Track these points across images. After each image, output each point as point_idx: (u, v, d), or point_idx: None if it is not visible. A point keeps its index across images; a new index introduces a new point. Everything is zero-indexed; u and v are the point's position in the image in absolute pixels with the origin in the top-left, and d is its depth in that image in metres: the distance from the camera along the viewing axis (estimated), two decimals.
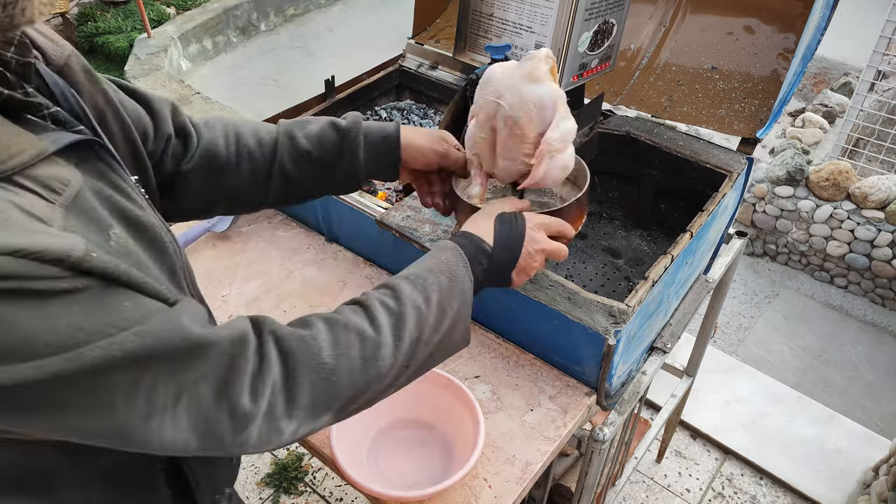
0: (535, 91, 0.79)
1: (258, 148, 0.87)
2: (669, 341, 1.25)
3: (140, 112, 0.77)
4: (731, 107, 1.41)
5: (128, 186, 0.62)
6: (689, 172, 1.38)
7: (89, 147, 0.59)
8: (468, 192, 0.92)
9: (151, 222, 0.61)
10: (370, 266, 1.32)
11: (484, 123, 0.84)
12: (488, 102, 0.82)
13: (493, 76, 0.82)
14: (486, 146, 0.86)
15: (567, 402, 1.08)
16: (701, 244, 1.28)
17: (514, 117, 0.80)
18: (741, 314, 3.09)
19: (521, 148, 0.82)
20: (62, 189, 0.53)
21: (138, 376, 0.51)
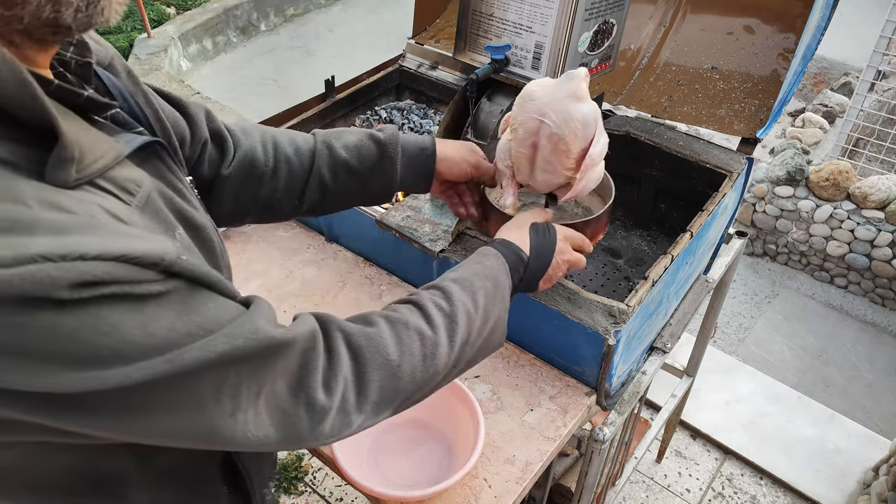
0: (580, 109, 0.84)
1: (296, 156, 0.88)
2: (669, 341, 1.25)
3: (177, 117, 0.78)
4: (731, 107, 1.41)
5: (184, 188, 0.63)
6: (689, 172, 1.37)
7: (151, 148, 0.60)
8: (501, 202, 0.95)
9: (204, 223, 0.63)
10: (370, 266, 1.32)
11: (524, 139, 0.88)
12: (530, 119, 0.86)
13: (535, 95, 0.86)
14: (525, 160, 0.90)
15: (567, 402, 1.08)
16: (701, 244, 1.28)
17: (560, 135, 0.85)
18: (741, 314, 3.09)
19: (564, 163, 0.87)
20: (136, 190, 0.53)
21: (225, 376, 0.52)
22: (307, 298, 1.25)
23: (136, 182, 0.54)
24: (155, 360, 0.47)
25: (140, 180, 0.54)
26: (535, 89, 0.86)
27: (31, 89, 0.47)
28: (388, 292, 1.26)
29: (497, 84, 1.28)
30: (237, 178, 0.85)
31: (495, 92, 1.28)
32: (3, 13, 0.47)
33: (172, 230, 0.56)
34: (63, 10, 0.49)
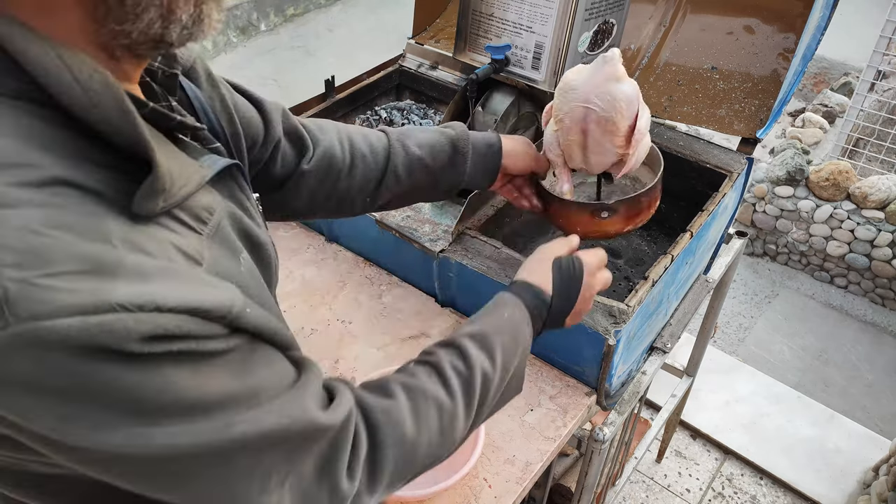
0: (622, 89, 0.87)
1: (371, 154, 0.89)
2: (669, 341, 1.25)
3: (252, 115, 0.77)
4: (731, 107, 1.41)
5: (251, 206, 0.62)
6: (689, 172, 1.37)
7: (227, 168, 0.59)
8: (558, 189, 0.98)
9: (266, 241, 0.62)
10: (370, 266, 1.32)
11: (572, 127, 0.91)
12: (576, 108, 0.89)
13: (575, 83, 0.89)
14: (576, 146, 0.93)
15: (567, 402, 1.08)
16: (701, 244, 1.28)
17: (607, 117, 0.88)
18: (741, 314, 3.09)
19: (615, 141, 0.91)
20: (208, 218, 0.52)
21: (264, 454, 0.50)
22: (307, 298, 1.25)
23: (208, 209, 0.53)
24: (202, 425, 0.45)
25: (212, 206, 0.53)
26: (574, 78, 0.89)
27: (132, 118, 0.45)
28: (388, 292, 1.26)
29: (497, 84, 1.28)
30: (316, 174, 0.85)
31: (495, 92, 1.28)
32: (113, 28, 0.46)
33: (238, 254, 0.55)
34: (171, 27, 0.48)
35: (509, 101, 1.26)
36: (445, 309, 1.23)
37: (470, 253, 1.14)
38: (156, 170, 0.46)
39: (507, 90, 1.27)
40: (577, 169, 0.98)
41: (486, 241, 1.16)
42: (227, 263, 0.52)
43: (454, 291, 1.20)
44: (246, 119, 0.75)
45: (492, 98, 1.27)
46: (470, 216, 1.21)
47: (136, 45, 0.48)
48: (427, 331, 1.19)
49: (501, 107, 1.25)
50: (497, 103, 1.27)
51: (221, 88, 0.69)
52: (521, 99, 1.28)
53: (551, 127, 0.95)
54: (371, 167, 0.88)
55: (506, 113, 1.25)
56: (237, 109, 0.72)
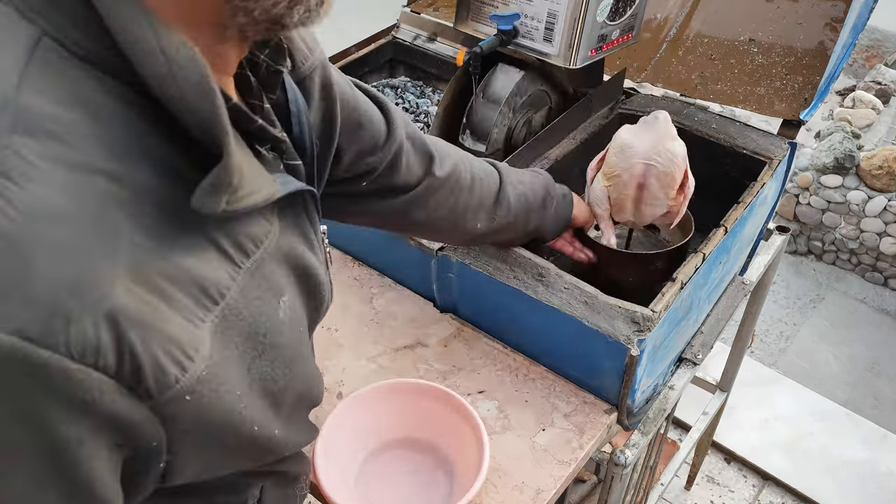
0: (677, 147, 1.10)
1: (485, 176, 0.99)
2: (700, 352, 1.25)
3: (374, 114, 0.79)
4: (772, 84, 1.41)
5: (315, 239, 0.63)
6: (723, 159, 1.37)
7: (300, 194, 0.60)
8: (605, 241, 1.18)
9: (323, 280, 0.63)
10: (359, 266, 1.32)
11: (629, 182, 1.12)
12: (636, 165, 1.10)
13: (633, 142, 1.10)
14: (629, 200, 1.14)
15: (584, 421, 1.08)
16: (736, 241, 1.28)
17: (668, 172, 1.10)
18: (782, 320, 3.09)
19: (669, 194, 1.12)
20: (253, 251, 0.52)
21: None
22: None
23: (256, 240, 0.52)
24: None
25: (262, 237, 0.53)
26: (630, 137, 1.11)
27: (212, 97, 0.45)
28: (379, 295, 1.26)
29: (504, 59, 1.27)
30: (447, 183, 0.92)
31: (502, 68, 1.27)
32: (236, 3, 0.46)
33: (279, 296, 0.55)
34: (296, 8, 0.48)
35: (518, 79, 1.25)
36: (445, 315, 1.23)
37: (473, 251, 1.14)
38: (227, 159, 0.46)
39: (516, 66, 1.27)
40: (622, 222, 1.19)
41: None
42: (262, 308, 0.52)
43: (455, 295, 1.20)
44: (367, 117, 0.78)
45: (497, 75, 1.27)
46: None
47: (251, 24, 0.48)
48: (424, 339, 1.19)
49: (508, 85, 1.25)
50: (504, 81, 1.26)
51: (335, 103, 0.70)
52: (531, 76, 1.28)
53: (601, 183, 1.15)
54: (486, 189, 0.98)
55: (513, 92, 1.25)
56: (357, 107, 0.76)
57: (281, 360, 0.57)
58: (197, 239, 0.48)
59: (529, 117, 1.33)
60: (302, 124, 0.64)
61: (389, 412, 1.05)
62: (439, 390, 1.04)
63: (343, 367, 1.15)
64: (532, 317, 1.10)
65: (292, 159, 0.61)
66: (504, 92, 1.25)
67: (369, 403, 1.04)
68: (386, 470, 1.03)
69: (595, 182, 1.16)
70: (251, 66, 0.57)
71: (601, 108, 1.44)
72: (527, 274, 1.09)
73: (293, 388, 0.61)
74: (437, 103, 1.64)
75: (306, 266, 0.60)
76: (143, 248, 0.44)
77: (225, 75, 0.53)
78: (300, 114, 0.64)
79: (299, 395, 0.64)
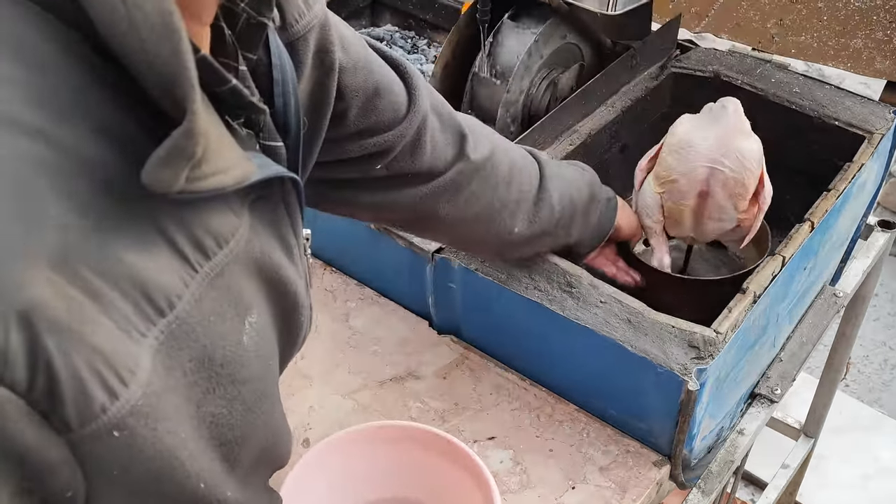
0: (752, 147, 1.10)
1: (524, 164, 1.02)
2: (779, 385, 1.25)
3: (393, 83, 0.82)
4: (872, 35, 1.41)
5: (295, 244, 0.64)
6: (809, 133, 1.37)
7: (281, 184, 0.60)
8: (656, 262, 1.21)
9: (303, 301, 0.64)
10: (332, 273, 1.32)
11: (688, 191, 1.12)
12: (697, 168, 1.10)
13: (695, 139, 1.11)
14: (689, 212, 1.15)
15: (626, 477, 1.08)
16: (826, 240, 1.28)
17: (738, 179, 1.10)
18: (887, 344, 3.08)
19: (740, 206, 1.13)
20: (214, 252, 0.52)
21: None
22: None
23: (219, 238, 0.52)
24: None
25: (226, 236, 0.53)
26: (691, 133, 1.11)
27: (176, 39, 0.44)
28: (358, 312, 1.27)
29: (523, 3, 1.28)
30: (481, 171, 0.95)
31: (520, 15, 1.28)
32: None
33: (244, 316, 0.55)
34: None
35: (541, 29, 1.26)
36: (444, 337, 1.23)
37: None
38: (191, 120, 0.45)
39: (538, 12, 1.27)
40: (679, 237, 1.22)
41: None
42: (221, 327, 0.52)
43: (457, 311, 1.20)
44: (385, 82, 0.80)
45: (514, 24, 1.27)
46: None
47: None
48: (416, 369, 1.19)
49: (528, 37, 1.25)
50: (521, 33, 1.26)
51: (332, 74, 0.72)
52: (556, 24, 1.28)
53: (652, 188, 1.16)
54: (526, 183, 1.01)
55: (536, 45, 1.25)
56: (371, 71, 0.78)
57: (241, 399, 0.56)
58: (144, 229, 0.47)
59: (554, 79, 1.33)
60: (287, 95, 0.64)
61: (371, 465, 1.05)
62: (437, 436, 1.04)
63: (310, 406, 1.15)
64: (558, 339, 1.10)
65: (271, 139, 0.61)
66: (527, 38, 1.25)
67: (345, 453, 1.04)
68: None
69: (645, 186, 1.18)
70: (227, 16, 0.56)
71: (649, 66, 1.44)
72: (551, 283, 1.09)
73: (254, 438, 0.60)
74: (433, 60, 1.64)
75: (283, 280, 0.60)
76: (73, 232, 0.43)
77: (198, 23, 0.52)
78: (286, 83, 0.64)
79: (261, 449, 0.63)
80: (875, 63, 1.39)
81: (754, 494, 2.17)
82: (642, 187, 1.18)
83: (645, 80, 1.43)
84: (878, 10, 1.42)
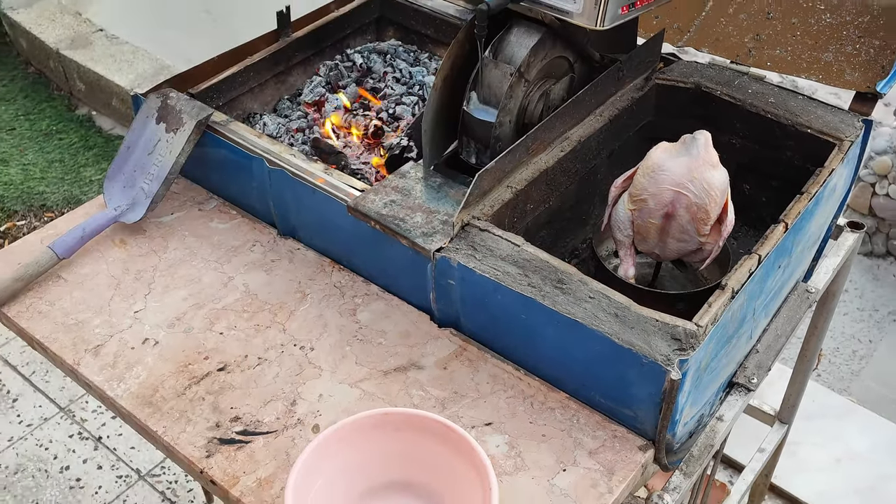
0: (717, 176, 1.14)
1: None
2: (756, 375, 1.25)
3: None
4: (842, 49, 1.41)
5: None
6: (783, 140, 1.37)
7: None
8: (621, 272, 1.24)
9: None
10: (340, 270, 1.32)
11: (656, 210, 1.17)
12: (665, 191, 1.15)
13: (667, 164, 1.15)
14: (654, 230, 1.19)
15: (613, 460, 1.08)
16: (799, 240, 1.28)
17: (701, 205, 1.14)
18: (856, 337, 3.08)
19: (701, 230, 1.17)
20: None
21: None
22: (252, 316, 1.25)
23: None
24: None
25: None
26: (663, 158, 1.15)
27: None
28: (364, 306, 1.27)
29: (516, 17, 1.28)
30: None
31: (514, 28, 1.28)
32: None
33: None
34: None
35: (533, 42, 1.26)
36: (444, 330, 1.23)
37: (479, 252, 1.14)
38: None
39: (531, 26, 1.27)
40: (646, 252, 1.24)
41: (500, 235, 1.16)
42: None
43: (456, 306, 1.20)
44: None
45: (509, 37, 1.27)
46: (478, 201, 1.22)
47: None
48: (418, 360, 1.19)
49: (522, 50, 1.25)
50: (516, 45, 1.26)
51: None
52: (549, 39, 1.28)
53: (625, 205, 1.19)
54: None
55: (528, 58, 1.25)
56: None
57: None
58: None
59: (547, 89, 1.33)
60: None
61: (376, 450, 1.05)
62: (437, 422, 1.04)
63: (319, 394, 1.15)
64: (550, 332, 1.10)
65: None
66: (521, 51, 1.25)
67: (351, 439, 1.04)
68: None
69: (619, 203, 1.22)
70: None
71: (634, 78, 1.44)
72: (544, 280, 1.10)
73: None
74: (434, 72, 1.64)
75: None
76: None
77: None
78: None
79: None
80: (845, 75, 1.39)
81: (732, 476, 2.17)
82: (616, 204, 1.23)
83: (631, 90, 1.43)
84: (847, 25, 1.42)
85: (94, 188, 3.19)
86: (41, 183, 3.22)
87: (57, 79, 3.81)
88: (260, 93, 1.58)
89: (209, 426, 1.11)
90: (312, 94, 1.59)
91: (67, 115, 3.64)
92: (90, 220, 1.35)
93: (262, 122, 1.54)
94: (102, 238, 1.37)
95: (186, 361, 1.19)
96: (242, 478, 1.05)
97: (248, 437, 1.10)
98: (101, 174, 3.27)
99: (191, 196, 1.46)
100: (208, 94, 1.46)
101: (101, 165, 3.33)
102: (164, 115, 1.37)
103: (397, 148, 1.43)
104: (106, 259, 1.34)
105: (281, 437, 1.10)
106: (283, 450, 1.08)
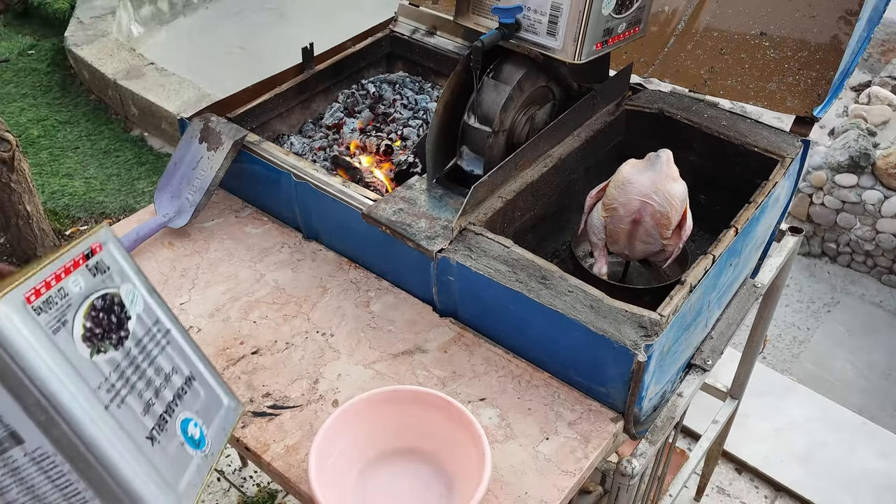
0: (678, 188, 1.18)
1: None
2: (710, 357, 1.25)
3: None
4: (784, 79, 1.41)
5: None
6: (734, 157, 1.37)
7: None
8: (596, 270, 1.27)
9: None
10: (356, 268, 1.32)
11: (625, 217, 1.20)
12: (633, 201, 1.18)
13: (634, 178, 1.18)
14: (624, 234, 1.22)
15: (589, 430, 1.08)
16: (748, 242, 1.28)
17: (663, 212, 1.18)
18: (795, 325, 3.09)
19: (664, 234, 1.20)
20: None
21: None
22: (281, 307, 1.25)
23: None
24: None
25: None
26: (632, 173, 1.18)
27: None
28: (376, 299, 1.27)
29: (506, 53, 1.28)
30: None
31: (504, 62, 1.28)
32: None
33: None
34: None
35: (521, 74, 1.26)
36: (445, 320, 1.23)
37: (474, 253, 1.14)
38: None
39: (519, 60, 1.27)
40: (617, 253, 1.27)
41: (493, 238, 1.16)
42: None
43: (455, 299, 1.20)
44: None
45: (500, 70, 1.27)
46: (474, 209, 1.22)
47: None
48: (423, 345, 1.19)
49: (512, 80, 1.26)
50: (506, 76, 1.27)
51: None
52: (534, 71, 1.28)
53: (599, 213, 1.23)
54: None
55: (517, 87, 1.26)
56: None
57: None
58: None
59: (532, 114, 1.33)
60: None
61: (386, 421, 1.05)
62: (438, 398, 1.04)
63: (338, 374, 1.15)
64: (535, 321, 1.10)
65: None
66: (511, 81, 1.26)
67: (365, 412, 1.04)
68: (383, 481, 1.03)
69: (594, 211, 1.25)
70: None
71: (607, 104, 1.45)
72: (530, 277, 1.10)
73: None
74: (436, 99, 1.65)
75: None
76: None
77: None
78: None
79: None
80: (787, 101, 1.39)
81: (690, 444, 2.18)
82: (592, 212, 1.26)
83: (604, 115, 1.44)
84: (788, 59, 1.42)
85: (146, 198, 3.20)
86: (101, 194, 3.23)
87: (114, 105, 3.82)
88: (287, 117, 1.58)
89: (244, 401, 1.11)
90: (332, 117, 1.60)
91: (123, 136, 3.64)
92: (143, 226, 1.35)
93: (290, 141, 1.54)
94: (153, 241, 1.37)
95: (225, 346, 1.19)
96: (272, 445, 1.05)
97: (277, 410, 1.10)
98: (152, 186, 3.27)
99: (228, 205, 1.46)
100: (243, 118, 1.46)
101: (152, 179, 3.34)
102: (206, 135, 1.37)
103: (405, 164, 1.43)
104: (156, 258, 1.34)
105: (305, 410, 1.10)
106: (308, 421, 1.08)
